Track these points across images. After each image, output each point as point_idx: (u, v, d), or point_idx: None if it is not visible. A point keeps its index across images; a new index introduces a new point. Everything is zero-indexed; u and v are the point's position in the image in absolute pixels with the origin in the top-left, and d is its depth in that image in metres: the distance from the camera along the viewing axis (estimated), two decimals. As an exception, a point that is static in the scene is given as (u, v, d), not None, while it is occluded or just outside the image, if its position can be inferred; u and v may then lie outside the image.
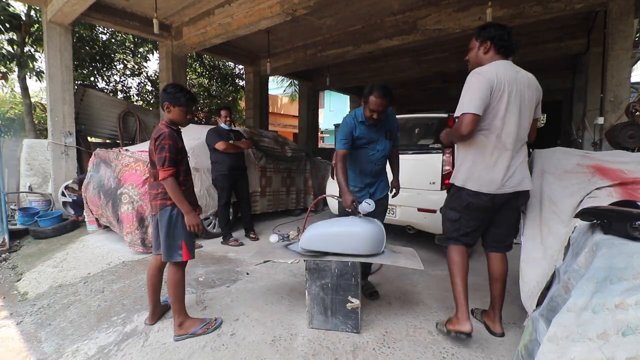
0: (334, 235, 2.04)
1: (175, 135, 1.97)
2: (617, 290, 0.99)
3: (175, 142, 1.93)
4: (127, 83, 10.09)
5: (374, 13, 5.48)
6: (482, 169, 1.84)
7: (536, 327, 1.29)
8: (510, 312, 2.27)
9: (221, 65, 11.39)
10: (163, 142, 1.88)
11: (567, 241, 1.54)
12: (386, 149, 2.38)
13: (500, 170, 1.81)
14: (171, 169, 1.87)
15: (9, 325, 2.27)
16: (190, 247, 2.00)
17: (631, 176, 1.72)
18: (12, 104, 10.41)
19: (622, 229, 1.17)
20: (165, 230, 1.95)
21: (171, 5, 5.40)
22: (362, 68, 8.89)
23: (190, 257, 2.00)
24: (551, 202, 1.84)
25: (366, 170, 2.38)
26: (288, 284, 2.74)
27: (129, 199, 3.40)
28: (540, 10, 4.36)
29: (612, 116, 4.00)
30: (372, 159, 2.36)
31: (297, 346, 1.90)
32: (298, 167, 5.39)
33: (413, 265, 2.03)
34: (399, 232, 3.79)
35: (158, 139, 1.90)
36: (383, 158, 2.41)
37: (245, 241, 3.93)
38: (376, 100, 2.13)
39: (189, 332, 1.98)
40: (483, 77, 1.74)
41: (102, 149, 4.16)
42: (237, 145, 3.82)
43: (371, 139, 2.31)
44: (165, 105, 1.98)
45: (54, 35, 5.00)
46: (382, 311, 2.28)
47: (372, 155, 2.35)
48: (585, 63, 6.05)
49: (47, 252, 3.67)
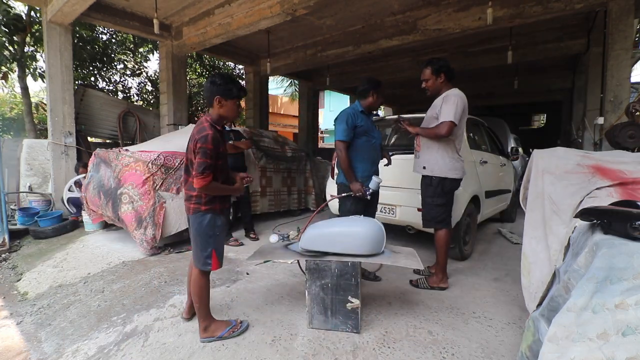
0: (334, 235, 2.04)
1: (219, 138, 1.82)
2: (617, 290, 0.99)
3: (217, 147, 1.79)
4: (127, 83, 10.09)
5: (374, 13, 5.48)
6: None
7: (538, 327, 1.29)
8: (510, 312, 2.27)
9: (221, 65, 11.38)
10: (205, 147, 1.72)
11: (567, 241, 1.54)
12: (379, 136, 2.72)
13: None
14: (210, 176, 1.75)
15: (9, 325, 2.27)
16: (219, 256, 1.92)
17: (631, 176, 1.71)
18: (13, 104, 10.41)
19: (622, 229, 1.16)
20: (195, 237, 1.89)
21: (171, 5, 5.40)
22: (362, 68, 8.88)
23: (219, 266, 1.92)
24: (551, 202, 1.84)
25: (373, 158, 2.63)
26: (288, 284, 2.74)
27: (129, 199, 3.40)
28: (540, 10, 4.36)
29: (612, 116, 4.00)
30: (375, 146, 2.63)
31: (297, 346, 1.90)
32: (298, 167, 5.39)
33: (413, 265, 2.03)
34: (399, 232, 3.78)
35: (199, 140, 1.74)
36: (379, 146, 2.70)
37: (245, 241, 3.93)
38: (381, 92, 2.62)
39: (215, 336, 1.92)
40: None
41: (102, 149, 4.16)
42: (237, 146, 3.82)
43: (369, 128, 2.59)
44: (217, 99, 1.81)
45: (54, 35, 4.99)
46: (382, 311, 2.28)
47: (374, 143, 2.62)
48: (585, 63, 6.04)
49: (47, 252, 3.67)
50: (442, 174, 2.55)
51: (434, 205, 2.62)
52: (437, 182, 2.57)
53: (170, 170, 3.58)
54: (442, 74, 2.53)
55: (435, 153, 2.57)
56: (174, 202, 3.55)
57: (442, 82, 2.55)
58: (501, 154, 4.32)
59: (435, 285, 2.62)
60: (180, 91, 6.55)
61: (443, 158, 2.54)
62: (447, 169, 2.54)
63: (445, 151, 2.54)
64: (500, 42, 6.15)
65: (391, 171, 2.96)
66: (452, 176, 2.55)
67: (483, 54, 6.73)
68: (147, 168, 3.46)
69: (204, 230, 1.87)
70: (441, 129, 2.42)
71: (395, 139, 4.17)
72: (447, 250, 2.67)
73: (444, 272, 2.65)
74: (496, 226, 4.67)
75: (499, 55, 6.46)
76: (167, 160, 3.60)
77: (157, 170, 3.49)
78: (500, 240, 4.10)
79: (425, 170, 2.62)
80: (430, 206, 2.64)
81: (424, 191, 2.70)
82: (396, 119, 2.83)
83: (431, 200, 2.62)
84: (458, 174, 2.58)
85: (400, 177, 3.22)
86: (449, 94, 2.48)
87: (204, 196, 1.85)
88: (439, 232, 2.64)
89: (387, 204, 3.34)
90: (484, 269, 3.11)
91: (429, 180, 2.62)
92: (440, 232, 2.63)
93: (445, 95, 2.50)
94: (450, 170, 2.54)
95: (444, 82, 2.55)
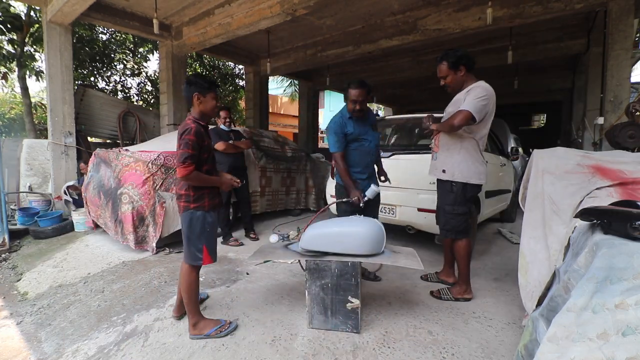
0: (334, 235, 2.04)
1: (202, 132, 1.90)
2: (617, 290, 0.99)
3: (200, 139, 1.86)
4: (127, 83, 10.09)
5: (374, 13, 5.48)
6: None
7: (536, 327, 1.29)
8: (510, 312, 2.27)
9: (221, 65, 11.39)
10: (187, 138, 1.81)
11: (567, 241, 1.54)
12: (375, 139, 2.60)
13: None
14: (192, 166, 1.81)
15: (9, 325, 2.27)
16: (211, 252, 1.97)
17: (631, 176, 1.71)
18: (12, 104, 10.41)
19: (622, 229, 1.16)
20: (186, 234, 1.95)
21: (171, 5, 5.40)
22: (362, 68, 8.88)
23: (211, 260, 1.97)
24: (552, 202, 1.84)
25: (366, 161, 2.56)
26: (288, 284, 2.74)
27: (129, 199, 3.40)
28: (540, 10, 4.36)
29: (612, 116, 4.00)
30: (367, 150, 2.54)
31: (297, 346, 1.90)
32: (298, 167, 5.39)
33: (413, 265, 2.03)
34: (399, 232, 3.78)
35: (183, 134, 1.83)
36: (375, 148, 2.60)
37: (245, 241, 3.93)
38: (353, 91, 2.37)
39: (202, 334, 1.96)
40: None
41: (102, 149, 4.16)
42: (237, 146, 3.82)
43: (361, 132, 2.50)
44: (196, 96, 1.91)
45: (54, 35, 4.99)
46: (382, 311, 2.28)
47: (367, 147, 2.53)
48: (585, 63, 6.05)
49: (47, 252, 3.67)
50: (464, 179, 2.30)
51: (454, 214, 2.37)
52: (458, 189, 2.32)
53: (170, 170, 3.58)
54: (462, 66, 2.24)
55: (456, 155, 2.31)
56: (174, 202, 3.55)
57: (462, 76, 2.27)
58: (501, 154, 4.32)
59: (459, 296, 2.41)
60: (180, 91, 6.55)
61: (465, 161, 2.29)
62: (470, 173, 2.30)
63: (467, 152, 2.29)
64: (500, 42, 6.15)
65: (391, 171, 2.96)
66: (474, 182, 2.31)
67: (483, 54, 6.72)
68: (147, 168, 3.46)
69: (194, 227, 1.92)
70: (454, 118, 2.16)
71: (395, 138, 4.18)
72: (469, 261, 2.45)
73: (467, 283, 2.44)
74: (496, 226, 4.67)
75: (499, 55, 6.47)
76: (167, 160, 3.60)
77: (157, 170, 3.49)
78: (500, 240, 4.10)
79: (445, 174, 2.36)
80: (451, 215, 2.39)
81: (442, 198, 2.46)
82: (427, 116, 2.43)
83: (451, 209, 2.37)
84: (481, 179, 2.34)
85: (400, 177, 3.22)
86: (475, 87, 2.22)
87: (192, 194, 1.91)
88: (459, 242, 2.41)
89: (387, 204, 3.34)
90: (484, 269, 3.11)
91: (449, 186, 2.36)
92: (460, 242, 2.41)
93: (470, 88, 2.23)
94: (474, 175, 2.30)
95: (465, 75, 2.27)
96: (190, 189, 1.91)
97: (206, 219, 1.95)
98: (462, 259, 2.41)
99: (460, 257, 2.42)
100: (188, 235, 1.94)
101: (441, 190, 2.47)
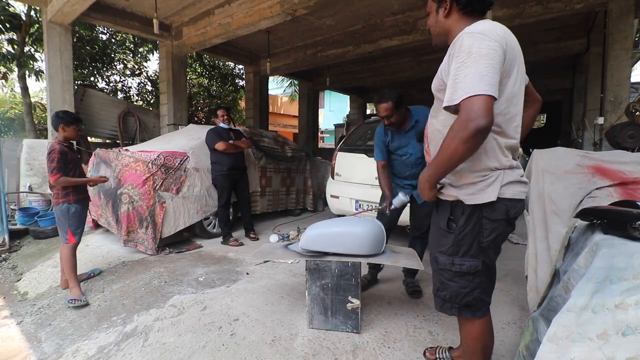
0: (334, 235, 2.04)
1: (66, 150, 2.54)
2: (617, 290, 0.99)
3: (63, 155, 2.50)
4: (127, 83, 10.08)
5: (374, 13, 5.49)
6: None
7: (537, 327, 1.29)
8: (510, 312, 2.27)
9: (221, 65, 11.38)
10: (53, 156, 2.46)
11: (567, 241, 1.54)
12: (418, 151, 2.37)
13: None
14: (58, 174, 2.46)
15: (9, 325, 2.27)
16: (75, 233, 2.59)
17: (631, 176, 1.72)
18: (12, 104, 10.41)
19: (622, 229, 1.16)
20: (57, 221, 2.59)
21: (171, 5, 5.40)
22: (362, 68, 8.88)
23: (74, 240, 2.58)
24: (551, 202, 1.84)
25: (404, 173, 2.47)
26: (288, 284, 2.74)
27: (129, 199, 3.40)
28: (540, 10, 4.36)
29: (612, 116, 4.00)
30: (407, 162, 2.42)
31: (297, 346, 1.90)
32: (298, 167, 5.39)
33: (413, 266, 2.03)
34: (399, 232, 3.78)
35: (51, 153, 2.46)
36: (418, 160, 2.38)
37: (245, 241, 3.93)
38: (378, 106, 2.27)
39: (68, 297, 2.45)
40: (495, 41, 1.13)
41: (102, 149, 4.16)
42: (237, 145, 3.81)
43: (401, 144, 2.40)
44: (61, 126, 2.56)
45: (54, 35, 4.99)
46: (382, 311, 2.28)
47: (406, 159, 2.42)
48: (585, 63, 6.05)
49: (47, 252, 3.67)
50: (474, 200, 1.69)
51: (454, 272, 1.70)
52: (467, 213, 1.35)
53: (170, 170, 3.58)
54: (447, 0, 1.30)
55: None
56: (173, 202, 3.55)
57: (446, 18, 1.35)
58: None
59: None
60: (180, 91, 6.56)
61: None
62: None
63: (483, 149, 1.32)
64: (500, 42, 6.14)
65: None
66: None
67: (483, 54, 6.72)
68: (147, 168, 3.45)
69: (61, 216, 2.56)
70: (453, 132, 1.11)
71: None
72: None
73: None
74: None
75: (498, 55, 6.45)
76: (167, 160, 3.60)
77: (157, 170, 3.49)
78: (500, 240, 4.09)
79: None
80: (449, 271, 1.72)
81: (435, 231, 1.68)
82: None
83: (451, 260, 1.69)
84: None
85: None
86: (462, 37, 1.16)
87: (60, 192, 2.55)
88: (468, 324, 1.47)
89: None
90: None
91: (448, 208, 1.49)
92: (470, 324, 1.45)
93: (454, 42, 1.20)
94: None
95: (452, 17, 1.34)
96: (59, 188, 2.55)
97: (70, 209, 2.56)
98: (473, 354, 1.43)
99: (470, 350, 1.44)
100: (57, 222, 2.59)
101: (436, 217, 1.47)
